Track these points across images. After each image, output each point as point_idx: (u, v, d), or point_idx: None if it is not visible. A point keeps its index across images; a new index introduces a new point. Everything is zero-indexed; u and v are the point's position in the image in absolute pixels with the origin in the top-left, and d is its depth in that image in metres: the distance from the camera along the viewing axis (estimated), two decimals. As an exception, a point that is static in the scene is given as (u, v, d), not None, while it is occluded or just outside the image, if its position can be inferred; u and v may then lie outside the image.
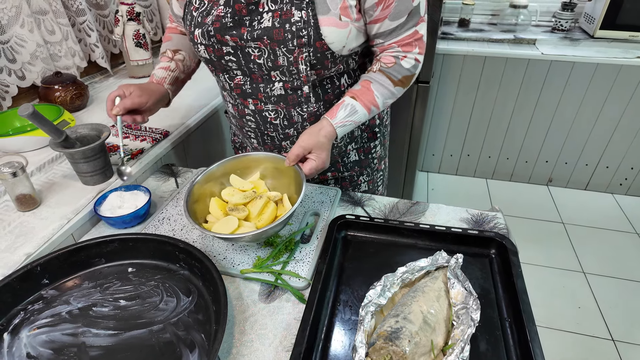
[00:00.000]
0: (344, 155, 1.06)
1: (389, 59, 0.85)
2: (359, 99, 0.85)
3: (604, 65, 2.13)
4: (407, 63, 0.85)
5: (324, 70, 0.85)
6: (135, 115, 0.90)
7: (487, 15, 2.57)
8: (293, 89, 0.87)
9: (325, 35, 0.78)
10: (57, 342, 0.66)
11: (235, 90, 0.91)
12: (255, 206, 0.81)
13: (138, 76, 1.61)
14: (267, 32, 0.78)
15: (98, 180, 0.99)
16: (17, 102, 1.31)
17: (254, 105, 0.91)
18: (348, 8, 0.78)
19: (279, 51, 0.80)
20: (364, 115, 0.86)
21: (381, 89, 0.86)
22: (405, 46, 0.84)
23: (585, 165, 2.51)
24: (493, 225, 0.90)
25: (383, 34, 0.83)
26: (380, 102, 0.86)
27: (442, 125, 2.57)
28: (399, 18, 0.80)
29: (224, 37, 0.81)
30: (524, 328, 0.63)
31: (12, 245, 0.82)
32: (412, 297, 0.66)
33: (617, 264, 2.08)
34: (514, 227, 0.91)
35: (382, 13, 0.79)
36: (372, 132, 1.07)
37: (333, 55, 0.82)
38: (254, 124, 0.96)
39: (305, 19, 0.76)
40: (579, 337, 1.74)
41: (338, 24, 0.78)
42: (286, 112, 0.90)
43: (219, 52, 0.84)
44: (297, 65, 0.81)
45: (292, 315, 0.72)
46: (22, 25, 1.25)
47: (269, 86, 0.87)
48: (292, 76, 0.84)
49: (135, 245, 0.78)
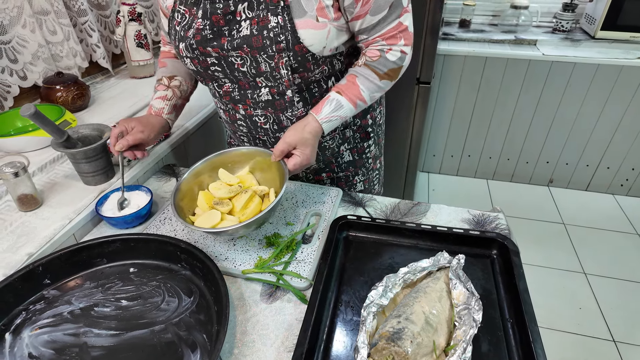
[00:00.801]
0: (338, 156, 1.06)
1: (374, 53, 0.85)
2: (344, 93, 0.85)
3: (605, 66, 2.13)
4: (393, 56, 0.84)
5: (308, 73, 0.85)
6: (135, 151, 0.91)
7: (488, 16, 2.57)
8: (279, 94, 0.87)
9: (303, 38, 0.78)
10: (58, 342, 0.66)
11: (225, 97, 0.92)
12: (240, 200, 0.83)
13: (139, 76, 1.61)
14: (246, 40, 0.79)
15: (99, 181, 0.99)
16: (18, 102, 1.31)
17: (244, 110, 0.92)
18: (325, 8, 0.77)
19: (260, 58, 0.80)
20: (350, 110, 0.86)
21: (367, 83, 0.85)
22: (389, 39, 0.83)
23: (586, 166, 2.51)
24: (495, 225, 0.90)
25: (366, 29, 0.82)
26: (366, 96, 0.86)
27: (442, 126, 2.57)
28: (380, 12, 0.80)
29: (205, 48, 0.82)
30: (526, 329, 0.63)
31: (14, 245, 0.82)
32: (414, 297, 0.66)
33: (618, 264, 2.07)
34: (514, 228, 0.91)
35: (362, 9, 0.79)
36: (365, 132, 1.07)
37: (314, 57, 0.82)
38: (245, 129, 0.97)
39: (282, 23, 0.77)
40: (580, 338, 1.74)
41: (315, 25, 0.78)
42: (275, 117, 0.91)
43: (204, 64, 0.85)
44: (278, 70, 0.81)
45: (294, 316, 0.72)
46: (23, 25, 1.25)
47: (256, 92, 0.88)
48: (277, 81, 0.84)
49: (136, 246, 0.78)
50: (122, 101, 1.42)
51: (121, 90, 1.51)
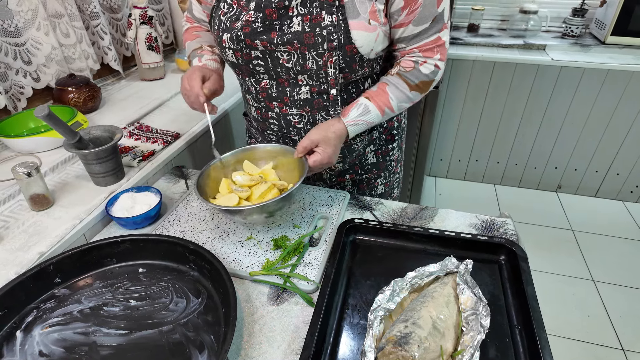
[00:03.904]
0: (362, 158, 1.06)
1: (408, 63, 0.86)
2: (372, 99, 0.86)
3: (615, 71, 2.12)
4: (426, 69, 0.85)
5: (352, 74, 0.86)
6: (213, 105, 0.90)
7: (497, 20, 2.57)
8: (319, 93, 0.88)
9: (355, 39, 0.79)
10: (68, 340, 0.67)
11: (261, 94, 0.92)
12: (258, 189, 0.86)
13: (149, 79, 1.63)
14: (297, 36, 0.79)
15: (110, 181, 1.00)
16: (31, 103, 1.33)
17: (278, 108, 0.93)
18: (377, 12, 0.79)
19: (308, 55, 0.81)
20: (377, 116, 0.87)
21: (396, 92, 0.86)
22: (426, 52, 0.84)
23: (596, 172, 2.49)
24: (503, 231, 0.89)
25: (406, 38, 0.84)
26: (394, 105, 0.87)
27: (450, 130, 2.56)
28: (423, 23, 0.81)
29: (253, 41, 0.82)
30: (534, 335, 0.63)
31: (26, 244, 0.83)
32: (421, 302, 0.66)
33: (628, 272, 2.05)
34: (522, 234, 0.90)
35: (406, 17, 0.80)
36: (391, 135, 1.07)
37: (361, 58, 0.83)
38: (277, 127, 0.97)
39: (336, 23, 0.77)
40: (588, 346, 1.71)
41: (367, 27, 0.79)
42: (310, 116, 0.91)
43: (247, 57, 0.85)
44: (325, 68, 0.82)
45: (301, 319, 0.72)
46: (38, 28, 1.28)
47: (296, 90, 0.88)
48: (320, 80, 0.85)
49: (145, 246, 0.79)
50: (133, 103, 1.44)
51: (132, 92, 1.53)
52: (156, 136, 1.21)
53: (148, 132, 1.23)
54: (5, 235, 0.86)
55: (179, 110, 1.41)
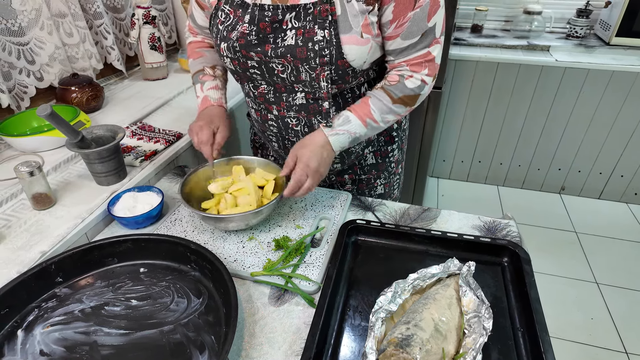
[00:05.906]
0: (361, 159, 1.06)
1: (393, 77, 0.85)
2: (354, 110, 0.86)
3: (620, 72, 2.10)
4: (412, 83, 0.84)
5: (345, 85, 0.86)
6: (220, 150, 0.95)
7: (501, 21, 2.56)
8: (314, 99, 0.88)
9: (347, 54, 0.79)
10: (69, 340, 0.67)
11: (259, 98, 0.93)
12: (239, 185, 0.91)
13: (152, 78, 1.63)
14: (290, 50, 0.79)
15: (112, 181, 1.00)
16: (34, 102, 1.33)
17: (277, 111, 0.93)
18: (369, 25, 0.78)
19: (301, 68, 0.81)
20: (359, 125, 0.86)
21: (378, 104, 0.86)
22: (414, 66, 0.83)
23: (599, 174, 2.48)
24: (506, 233, 0.89)
25: (394, 51, 0.83)
26: (377, 116, 0.86)
27: (453, 131, 2.55)
28: (411, 38, 0.80)
29: (248, 53, 0.83)
30: (537, 338, 0.62)
31: (28, 243, 0.83)
32: (423, 304, 0.66)
33: (631, 274, 2.04)
34: (525, 236, 0.90)
35: (394, 31, 0.79)
36: (390, 136, 1.07)
37: (354, 71, 0.83)
38: (275, 129, 0.97)
39: (328, 38, 0.77)
40: (591, 349, 1.70)
41: (359, 41, 0.79)
42: (307, 120, 0.92)
43: (244, 65, 0.86)
44: (318, 81, 0.82)
45: (302, 320, 0.71)
46: (41, 27, 1.28)
47: (292, 95, 0.89)
48: (314, 89, 0.85)
49: (147, 246, 0.79)
50: (135, 103, 1.44)
51: (134, 92, 1.54)
52: (158, 136, 1.21)
53: (150, 132, 1.24)
54: (7, 234, 0.86)
55: (181, 110, 1.41)
